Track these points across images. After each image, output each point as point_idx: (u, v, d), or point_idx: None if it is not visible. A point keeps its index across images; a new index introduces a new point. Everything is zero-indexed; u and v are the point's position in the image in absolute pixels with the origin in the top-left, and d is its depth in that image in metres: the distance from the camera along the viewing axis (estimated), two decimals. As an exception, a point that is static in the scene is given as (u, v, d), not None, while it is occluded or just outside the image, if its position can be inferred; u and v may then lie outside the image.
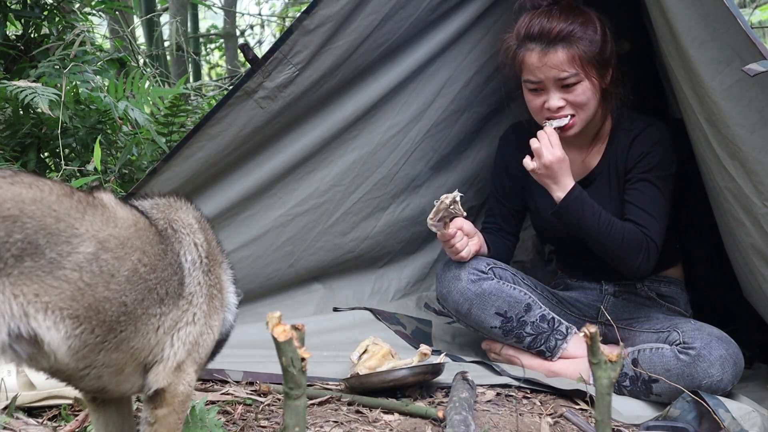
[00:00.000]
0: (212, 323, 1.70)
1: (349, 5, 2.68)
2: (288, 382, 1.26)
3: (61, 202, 1.46)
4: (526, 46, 2.58)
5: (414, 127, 3.13)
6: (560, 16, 2.55)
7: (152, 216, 1.68)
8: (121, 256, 1.51)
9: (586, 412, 2.38)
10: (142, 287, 1.53)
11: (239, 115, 2.72)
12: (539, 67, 2.56)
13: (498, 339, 2.74)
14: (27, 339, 1.41)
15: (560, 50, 2.53)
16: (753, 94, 2.09)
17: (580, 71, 2.54)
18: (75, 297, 1.43)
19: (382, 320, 3.06)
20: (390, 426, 2.20)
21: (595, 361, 1.43)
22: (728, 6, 2.04)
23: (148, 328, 1.57)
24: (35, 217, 1.40)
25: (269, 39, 7.89)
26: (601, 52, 2.57)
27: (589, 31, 2.56)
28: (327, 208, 3.07)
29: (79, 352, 1.48)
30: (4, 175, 1.43)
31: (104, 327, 1.48)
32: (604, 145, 2.75)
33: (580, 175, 2.75)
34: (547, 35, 2.53)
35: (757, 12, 6.20)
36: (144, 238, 1.58)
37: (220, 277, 1.75)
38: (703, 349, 2.41)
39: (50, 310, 1.41)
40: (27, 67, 3.48)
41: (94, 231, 1.48)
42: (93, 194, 1.57)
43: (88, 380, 1.57)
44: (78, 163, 3.28)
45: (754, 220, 2.22)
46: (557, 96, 2.58)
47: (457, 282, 2.68)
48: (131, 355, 1.57)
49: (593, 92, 2.59)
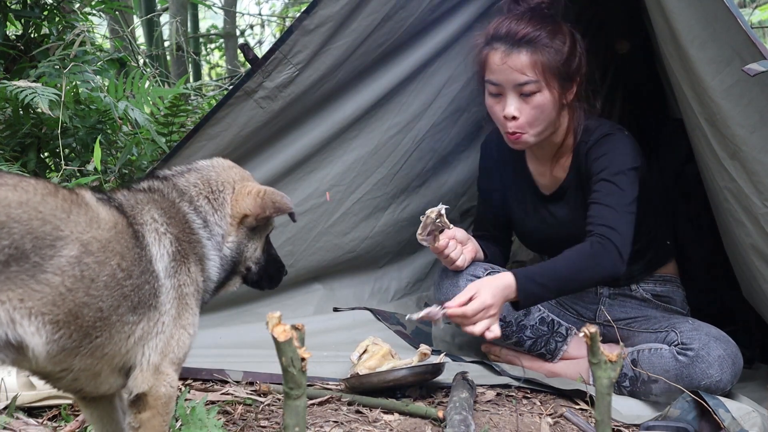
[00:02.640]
0: (184, 323, 1.65)
1: (349, 5, 2.68)
2: (288, 382, 1.26)
3: (47, 202, 1.43)
4: (492, 45, 2.53)
5: (414, 127, 3.13)
6: (530, 21, 2.50)
7: (132, 214, 1.63)
8: (102, 261, 1.48)
9: (586, 412, 2.38)
10: (118, 294, 1.50)
11: (239, 115, 2.72)
12: (500, 67, 2.49)
13: (498, 343, 2.73)
14: (14, 345, 1.40)
15: (524, 53, 2.47)
16: (753, 94, 2.09)
17: (541, 79, 2.46)
18: (56, 302, 1.41)
19: (382, 320, 3.06)
20: (390, 426, 2.20)
21: (595, 361, 1.43)
22: (728, 6, 2.04)
23: (121, 335, 1.54)
24: (22, 221, 1.37)
25: (269, 39, 7.88)
26: (566, 65, 2.49)
27: (556, 40, 2.49)
28: (327, 208, 3.07)
29: (57, 356, 1.46)
30: None
31: (81, 332, 1.46)
32: (570, 157, 2.67)
33: (551, 188, 2.72)
34: (513, 36, 2.48)
35: (757, 12, 6.20)
36: (123, 242, 1.54)
37: (189, 269, 1.68)
38: (701, 350, 2.41)
39: (33, 315, 1.39)
40: (27, 67, 3.48)
41: (78, 233, 1.45)
42: (76, 192, 1.54)
43: (65, 382, 1.56)
44: (78, 163, 3.28)
45: (754, 220, 2.22)
46: (514, 104, 2.49)
47: (455, 289, 2.65)
48: (105, 361, 1.55)
49: (551, 105, 2.49)
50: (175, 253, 1.66)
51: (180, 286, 1.65)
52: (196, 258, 1.72)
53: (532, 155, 2.75)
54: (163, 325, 1.62)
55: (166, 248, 1.65)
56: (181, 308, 1.65)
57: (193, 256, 1.71)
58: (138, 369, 1.61)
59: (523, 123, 2.51)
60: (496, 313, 2.31)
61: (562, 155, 2.68)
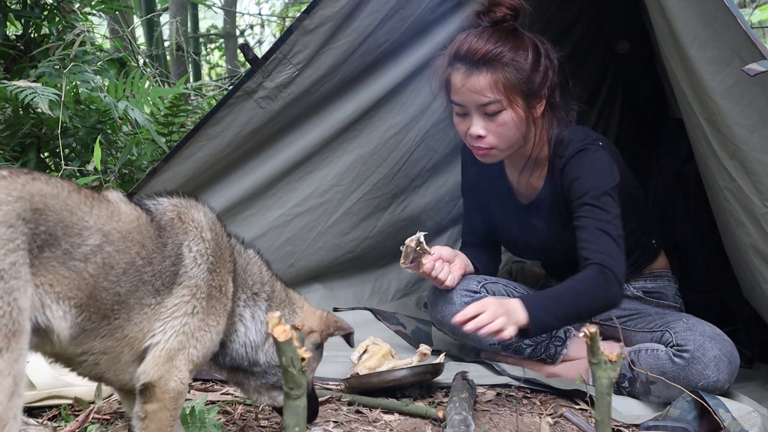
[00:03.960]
0: (210, 322, 1.70)
1: (349, 5, 2.68)
2: (288, 382, 1.26)
3: (72, 197, 1.53)
4: (454, 66, 2.46)
5: (414, 127, 3.13)
6: (490, 38, 2.42)
7: (161, 210, 1.71)
8: (121, 249, 1.57)
9: (586, 412, 2.38)
10: (136, 279, 1.59)
11: (239, 115, 2.72)
12: (461, 90, 2.44)
13: (497, 353, 2.73)
14: (42, 328, 1.47)
15: (483, 74, 2.40)
16: (753, 94, 2.09)
17: (503, 98, 2.40)
18: (80, 287, 1.50)
19: (382, 320, 3.06)
20: (390, 426, 2.20)
21: (595, 361, 1.43)
22: (728, 6, 2.04)
23: (141, 317, 1.61)
24: (55, 211, 1.48)
25: (269, 39, 7.89)
26: (529, 81, 2.42)
27: (519, 57, 2.41)
28: (327, 208, 3.07)
29: (78, 338, 1.53)
30: (23, 173, 1.49)
31: (99, 314, 1.54)
32: (545, 169, 2.63)
33: (529, 198, 2.70)
34: (473, 56, 2.41)
35: (757, 12, 6.20)
36: (144, 232, 1.63)
37: (226, 281, 1.75)
38: (696, 351, 2.40)
39: (61, 299, 1.48)
40: (27, 67, 3.48)
41: (101, 224, 1.55)
42: (99, 191, 1.64)
43: (87, 366, 1.62)
44: (78, 163, 3.28)
45: (754, 220, 2.22)
46: (479, 124, 2.44)
47: (450, 306, 2.64)
48: (126, 343, 1.61)
49: (517, 122, 2.44)
50: (215, 253, 1.73)
51: (211, 286, 1.71)
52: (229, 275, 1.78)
53: (509, 164, 2.71)
54: (194, 309, 1.67)
55: (203, 237, 1.72)
56: (210, 307, 1.70)
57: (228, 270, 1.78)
58: (151, 354, 1.64)
59: (490, 140, 2.47)
60: (497, 309, 2.27)
61: (537, 166, 2.63)
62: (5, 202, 1.40)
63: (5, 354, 1.35)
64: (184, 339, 1.65)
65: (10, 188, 1.42)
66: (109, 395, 2.25)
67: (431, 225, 3.39)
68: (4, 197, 1.40)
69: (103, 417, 2.16)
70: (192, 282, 1.67)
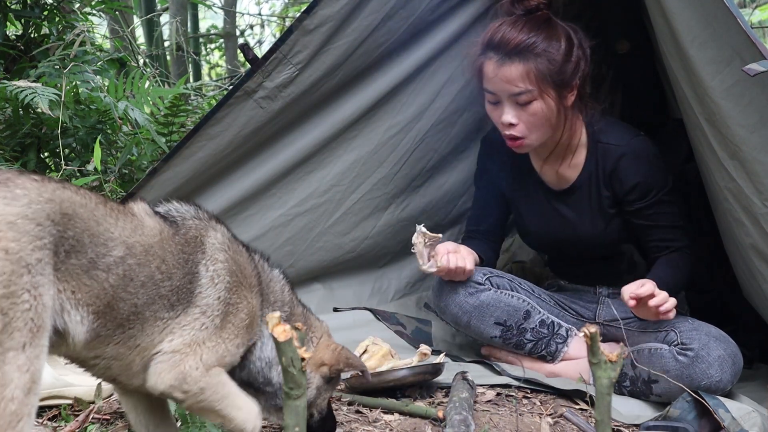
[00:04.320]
0: (224, 335, 1.71)
1: (349, 5, 2.68)
2: (288, 382, 1.26)
3: (98, 209, 1.57)
4: (486, 54, 2.50)
5: (414, 127, 3.13)
6: (524, 27, 2.46)
7: (186, 224, 1.73)
8: (143, 263, 1.60)
9: (586, 412, 2.38)
10: (153, 293, 1.61)
11: (239, 115, 2.72)
12: (493, 79, 2.48)
13: (498, 347, 2.73)
14: (58, 331, 1.49)
15: (515, 64, 2.43)
16: (753, 94, 2.09)
17: (535, 88, 2.44)
18: (99, 295, 1.53)
19: (382, 320, 3.06)
20: (390, 426, 2.20)
21: (595, 361, 1.43)
22: (728, 6, 2.04)
23: (154, 329, 1.63)
24: (83, 219, 1.52)
25: (269, 39, 7.88)
26: (561, 72, 2.45)
27: (551, 47, 2.45)
28: (327, 208, 3.06)
29: (91, 343, 1.56)
30: (54, 180, 1.54)
31: (115, 323, 1.57)
32: (580, 158, 2.66)
33: (558, 187, 2.72)
34: (506, 46, 2.44)
35: (757, 12, 6.20)
36: (166, 248, 1.66)
37: (246, 296, 1.76)
38: (701, 350, 2.41)
39: (81, 306, 1.50)
40: (27, 67, 3.48)
41: (125, 236, 1.58)
42: (124, 204, 1.68)
43: (99, 369, 1.65)
44: (78, 163, 3.28)
45: (754, 220, 2.22)
46: (511, 112, 2.49)
47: (454, 295, 2.66)
48: (137, 352, 1.63)
49: (549, 112, 2.48)
50: (233, 273, 1.74)
51: (229, 304, 1.72)
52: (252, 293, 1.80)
53: (535, 153, 2.74)
54: (202, 325, 1.68)
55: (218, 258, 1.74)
56: (225, 323, 1.71)
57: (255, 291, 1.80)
58: (156, 364, 1.64)
59: (521, 129, 2.51)
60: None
61: (569, 154, 2.67)
62: (36, 201, 1.44)
63: (28, 349, 1.37)
64: (189, 349, 1.66)
65: (41, 190, 1.47)
66: (109, 395, 2.25)
67: (431, 225, 3.38)
68: (36, 197, 1.44)
69: (103, 417, 2.16)
70: (204, 302, 1.69)
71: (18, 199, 1.41)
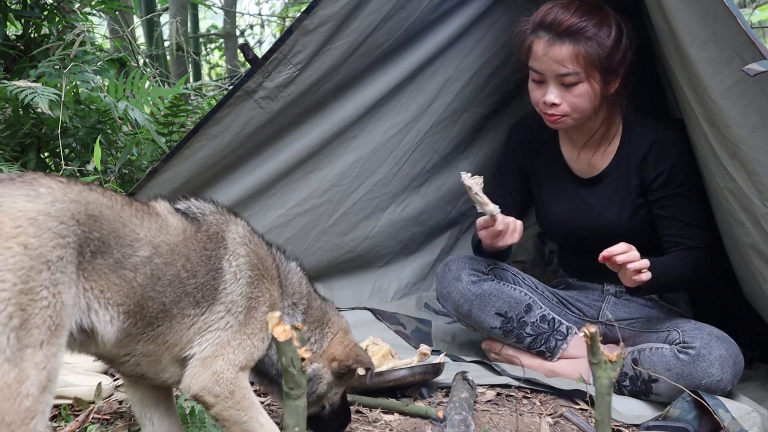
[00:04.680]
0: (248, 330, 1.73)
1: (349, 5, 2.68)
2: (288, 382, 1.26)
3: (124, 210, 1.60)
4: (537, 33, 2.55)
5: (414, 127, 3.13)
6: (577, 11, 2.50)
7: (207, 220, 1.75)
8: (169, 262, 1.63)
9: (586, 412, 2.38)
10: (180, 290, 1.64)
11: (239, 115, 2.72)
12: (542, 58, 2.52)
13: (498, 339, 2.74)
14: (85, 330, 1.51)
15: (566, 45, 2.49)
16: (753, 94, 2.09)
17: (582, 71, 2.50)
18: (129, 294, 1.55)
19: (382, 320, 3.06)
20: (390, 426, 2.20)
21: (595, 361, 1.43)
22: (728, 6, 2.04)
23: (182, 326, 1.66)
24: (109, 220, 1.55)
25: (269, 39, 7.88)
26: (609, 58, 2.50)
27: (601, 33, 2.50)
28: (327, 208, 3.07)
29: (122, 341, 1.59)
30: (81, 183, 1.57)
31: (144, 321, 1.60)
32: (614, 147, 2.70)
33: (587, 175, 2.74)
34: (557, 27, 2.49)
35: (757, 12, 6.19)
36: (190, 246, 1.68)
37: (268, 289, 1.79)
38: (702, 349, 2.41)
39: (110, 305, 1.53)
40: (27, 67, 3.48)
41: (151, 237, 1.61)
42: (148, 204, 1.70)
43: (128, 366, 1.67)
44: (78, 163, 3.28)
45: (754, 220, 2.22)
46: (555, 92, 2.54)
47: (457, 283, 2.68)
48: (166, 348, 1.66)
49: (592, 96, 2.54)
50: (254, 266, 1.77)
51: (251, 298, 1.75)
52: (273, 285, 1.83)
53: (567, 139, 2.76)
54: (227, 324, 1.71)
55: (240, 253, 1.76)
56: (249, 318, 1.74)
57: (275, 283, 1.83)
58: (189, 368, 1.68)
59: (563, 109, 2.55)
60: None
61: (605, 143, 2.70)
62: (60, 201, 1.46)
63: (45, 347, 1.38)
64: (219, 348, 1.69)
65: (66, 190, 1.49)
66: (109, 395, 2.25)
67: (431, 225, 3.39)
68: (60, 196, 1.46)
69: (103, 417, 2.16)
70: (228, 298, 1.72)
71: (41, 197, 1.43)
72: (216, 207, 1.81)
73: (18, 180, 1.46)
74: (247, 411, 1.71)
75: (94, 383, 2.19)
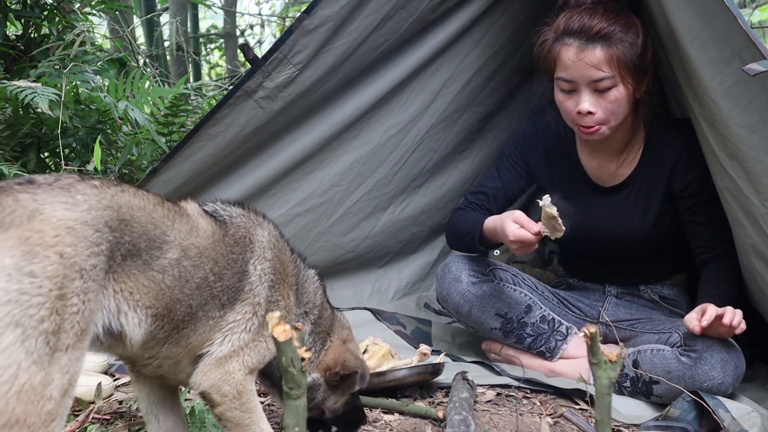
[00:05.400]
0: (264, 332, 1.74)
1: (349, 5, 2.68)
2: (288, 382, 1.26)
3: (157, 211, 1.59)
4: (564, 41, 2.48)
5: (414, 127, 3.13)
6: (603, 15, 2.46)
7: (235, 223, 1.75)
8: (197, 264, 1.63)
9: (586, 412, 2.38)
10: (207, 293, 1.65)
11: (239, 115, 2.72)
12: (575, 63, 2.45)
13: (498, 340, 2.74)
14: (113, 333, 1.52)
15: (599, 48, 2.43)
16: (753, 94, 2.09)
17: (617, 74, 2.43)
18: (158, 297, 1.56)
19: (382, 320, 3.06)
20: (390, 426, 2.20)
21: (595, 361, 1.43)
22: (728, 6, 2.04)
23: (205, 328, 1.67)
24: (141, 223, 1.55)
25: (269, 39, 7.88)
26: (641, 58, 2.46)
27: (630, 34, 2.46)
28: (327, 208, 3.07)
29: (148, 344, 1.59)
30: (115, 184, 1.56)
31: (171, 324, 1.60)
32: (637, 155, 2.65)
33: (608, 183, 2.70)
34: (587, 32, 2.44)
35: (757, 12, 6.20)
36: (218, 249, 1.69)
37: (286, 294, 1.80)
38: (704, 352, 2.41)
39: (139, 307, 1.53)
40: (27, 67, 3.48)
41: (180, 239, 1.61)
42: (179, 204, 1.69)
43: (150, 368, 1.68)
44: (78, 163, 3.28)
45: (754, 221, 2.22)
46: (589, 100, 2.46)
47: (457, 284, 2.67)
48: (187, 351, 1.67)
49: (626, 99, 2.48)
50: (276, 270, 1.78)
51: (270, 302, 1.76)
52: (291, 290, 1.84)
53: (586, 148, 2.71)
54: (250, 326, 1.71)
55: (265, 257, 1.77)
56: (264, 321, 1.73)
57: (293, 289, 1.84)
58: (201, 364, 1.69)
59: (599, 117, 2.49)
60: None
61: (624, 151, 2.65)
62: (95, 208, 1.46)
63: (71, 351, 1.39)
64: (236, 349, 1.70)
65: (101, 196, 1.49)
66: (109, 395, 2.25)
67: (431, 225, 3.39)
68: (95, 203, 1.46)
69: (103, 417, 2.16)
70: (255, 300, 1.73)
71: (79, 205, 1.44)
72: (243, 210, 1.82)
73: (56, 185, 1.45)
74: (250, 414, 1.71)
75: (94, 383, 2.20)
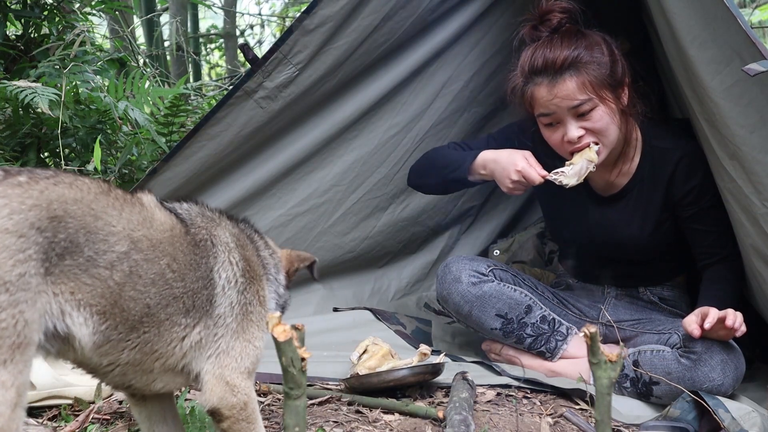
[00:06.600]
0: (249, 336, 1.70)
1: (349, 5, 2.68)
2: (288, 382, 1.26)
3: (98, 201, 1.49)
4: (533, 81, 2.46)
5: (414, 127, 3.13)
6: (563, 43, 2.43)
7: (195, 223, 1.68)
8: (150, 259, 1.53)
9: (586, 412, 2.38)
10: (167, 293, 1.55)
11: (239, 115, 2.72)
12: (550, 100, 2.44)
13: (498, 340, 2.74)
14: (61, 335, 1.44)
15: (568, 79, 2.41)
16: (753, 94, 2.09)
17: (594, 96, 2.42)
18: (104, 294, 1.47)
19: (382, 320, 3.06)
20: (390, 426, 2.20)
21: (595, 361, 1.43)
22: (728, 6, 2.04)
23: (172, 335, 1.58)
24: (77, 217, 1.43)
25: (269, 39, 7.88)
26: (612, 73, 2.45)
27: (595, 53, 2.44)
28: (327, 208, 3.07)
29: (102, 348, 1.51)
30: (48, 176, 1.45)
31: (127, 325, 1.51)
32: (633, 163, 2.63)
33: (607, 192, 2.70)
34: (553, 66, 2.42)
35: (757, 12, 6.19)
36: (177, 245, 1.59)
37: (259, 291, 1.75)
38: (704, 353, 2.41)
39: (83, 307, 1.44)
40: (27, 67, 3.48)
41: (129, 230, 1.51)
42: (133, 193, 1.60)
43: (113, 376, 1.60)
44: (78, 163, 3.28)
45: (754, 221, 2.22)
46: (575, 125, 2.44)
47: (457, 284, 2.67)
48: (155, 358, 1.59)
49: (611, 116, 2.46)
50: (244, 272, 1.72)
51: (244, 304, 1.70)
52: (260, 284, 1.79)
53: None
54: (219, 336, 1.66)
55: (231, 260, 1.70)
56: (245, 323, 1.70)
57: (263, 279, 1.79)
58: (205, 383, 1.65)
59: (590, 138, 2.46)
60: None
61: (625, 161, 2.63)
62: (17, 211, 1.35)
63: (9, 366, 1.33)
64: (227, 359, 1.66)
65: (25, 196, 1.37)
66: (109, 395, 2.25)
67: (431, 225, 3.40)
68: (17, 206, 1.35)
69: (103, 417, 2.16)
70: (220, 310, 1.66)
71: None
72: (202, 209, 1.74)
73: None
74: (254, 425, 1.70)
75: (94, 383, 2.19)
